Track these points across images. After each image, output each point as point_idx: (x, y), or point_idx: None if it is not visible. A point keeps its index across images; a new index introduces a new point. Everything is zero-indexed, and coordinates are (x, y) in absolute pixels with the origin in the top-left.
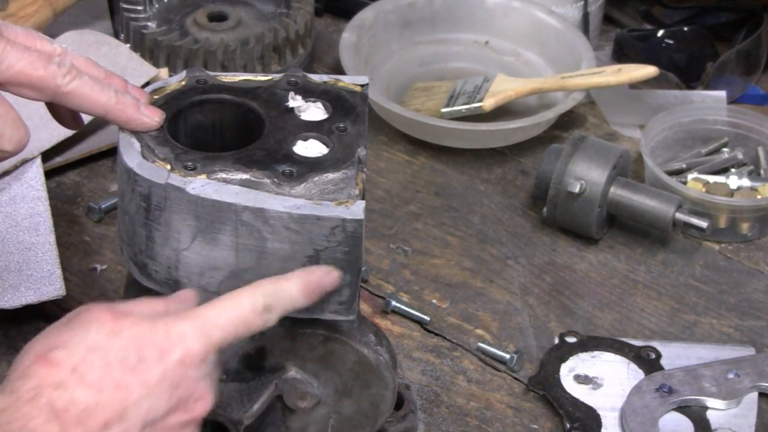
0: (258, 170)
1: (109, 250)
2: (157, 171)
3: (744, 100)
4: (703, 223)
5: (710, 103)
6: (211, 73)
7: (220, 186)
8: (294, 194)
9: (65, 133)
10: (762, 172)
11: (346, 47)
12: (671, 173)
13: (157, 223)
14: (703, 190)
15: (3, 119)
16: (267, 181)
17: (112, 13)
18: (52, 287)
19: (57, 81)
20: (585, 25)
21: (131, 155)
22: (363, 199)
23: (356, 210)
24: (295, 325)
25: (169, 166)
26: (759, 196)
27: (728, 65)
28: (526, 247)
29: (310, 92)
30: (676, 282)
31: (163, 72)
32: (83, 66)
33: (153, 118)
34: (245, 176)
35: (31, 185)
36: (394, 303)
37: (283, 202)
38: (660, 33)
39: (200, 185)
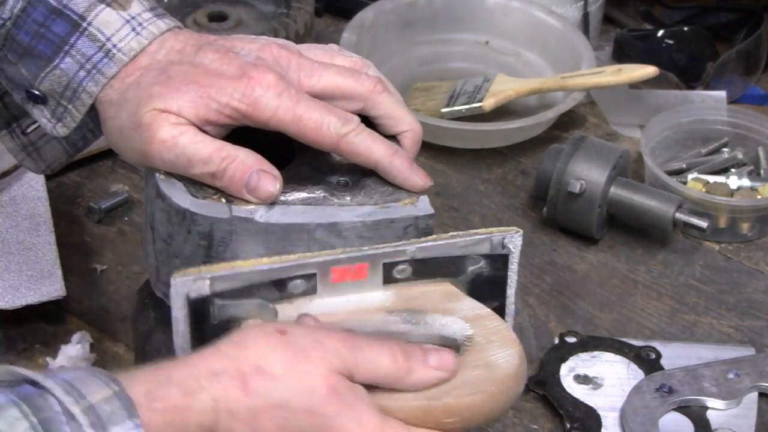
0: (312, 186)
1: (109, 250)
2: (216, 206)
3: (744, 100)
4: (703, 223)
5: (710, 103)
6: None
7: (285, 209)
8: (357, 203)
9: None
10: (762, 172)
11: (346, 47)
12: (671, 173)
13: (221, 258)
14: (703, 190)
15: None
16: (326, 195)
17: None
18: (52, 287)
19: (368, 88)
20: (585, 25)
21: (179, 195)
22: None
23: (424, 206)
24: None
25: (223, 199)
26: (759, 196)
27: (728, 65)
28: (526, 247)
29: None
30: (676, 282)
31: None
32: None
33: (424, 180)
34: (303, 194)
35: (31, 185)
36: None
37: (353, 212)
38: (660, 33)
39: (266, 212)
